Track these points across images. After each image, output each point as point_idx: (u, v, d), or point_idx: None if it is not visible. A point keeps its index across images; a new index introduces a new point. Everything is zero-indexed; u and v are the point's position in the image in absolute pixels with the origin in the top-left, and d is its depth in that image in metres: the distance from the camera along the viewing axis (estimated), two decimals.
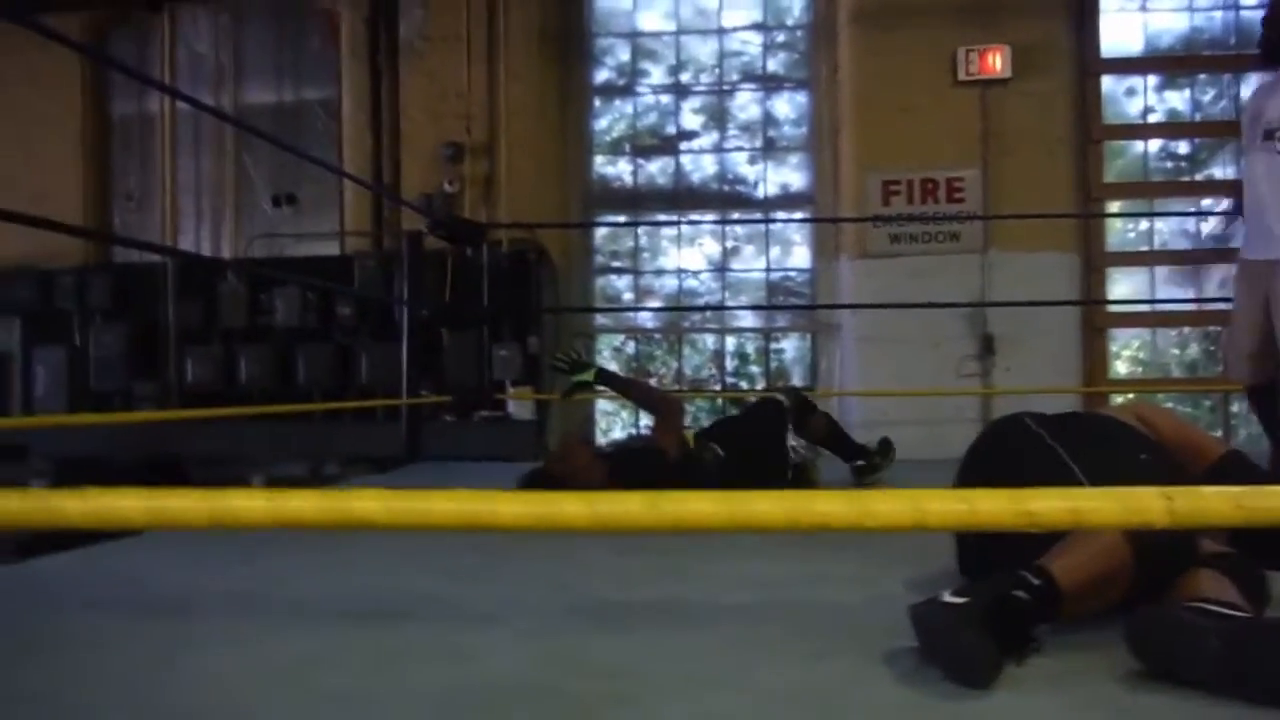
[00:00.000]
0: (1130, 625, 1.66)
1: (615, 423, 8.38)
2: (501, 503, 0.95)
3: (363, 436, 7.31)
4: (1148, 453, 2.21)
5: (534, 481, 3.50)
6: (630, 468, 3.50)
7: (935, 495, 0.97)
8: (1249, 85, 7.98)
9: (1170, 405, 8.23)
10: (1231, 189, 8.01)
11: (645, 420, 8.31)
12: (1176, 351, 8.47)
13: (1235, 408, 7.94)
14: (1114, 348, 8.18)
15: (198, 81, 8.33)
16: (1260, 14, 3.73)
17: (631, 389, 4.38)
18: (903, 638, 1.77)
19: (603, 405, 8.17)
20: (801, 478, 3.92)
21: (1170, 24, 8.30)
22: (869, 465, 4.29)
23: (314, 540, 3.04)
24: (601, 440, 7.90)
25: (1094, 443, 2.21)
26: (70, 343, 8.16)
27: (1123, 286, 8.19)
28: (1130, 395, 8.42)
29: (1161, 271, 8.22)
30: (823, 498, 0.96)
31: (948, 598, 1.71)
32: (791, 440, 3.92)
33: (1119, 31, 8.18)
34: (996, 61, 7.66)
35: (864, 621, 2.06)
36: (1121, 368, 8.31)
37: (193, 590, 2.42)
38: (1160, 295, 8.10)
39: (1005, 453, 2.31)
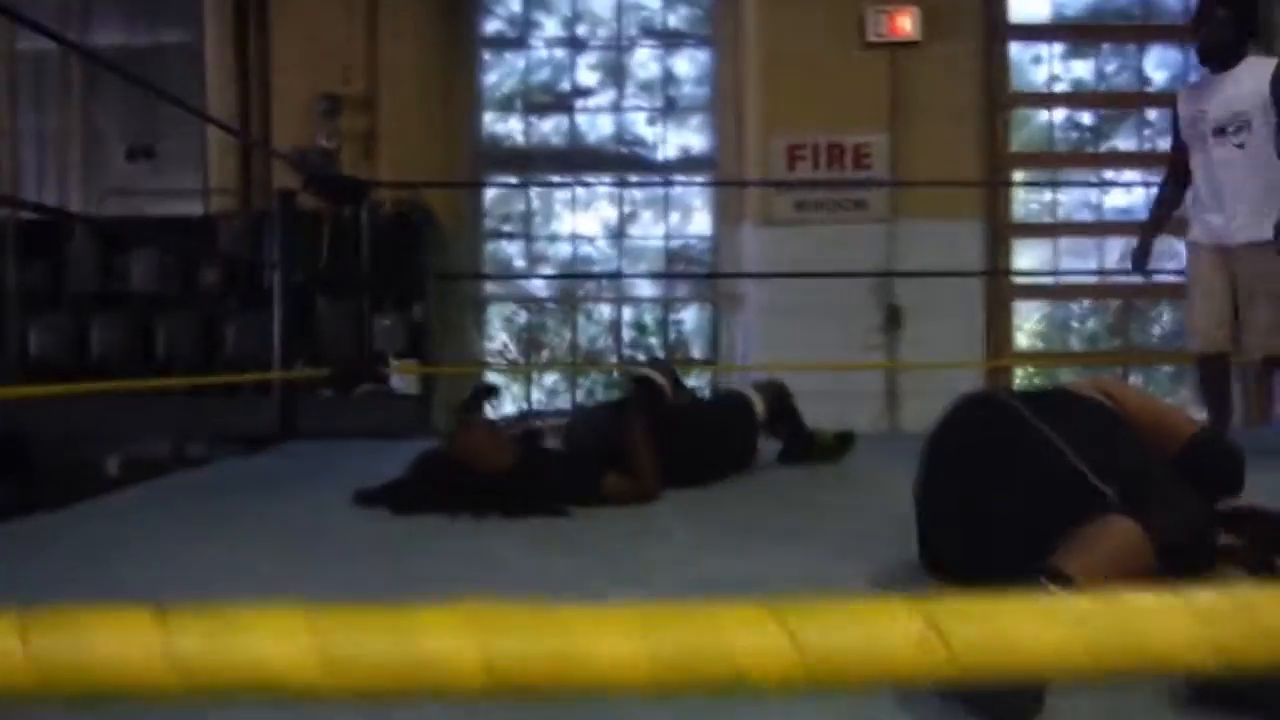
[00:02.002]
0: None
1: (505, 397, 7.92)
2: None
3: (231, 413, 6.68)
4: (1127, 434, 2.00)
5: (433, 462, 3.06)
6: (547, 462, 3.08)
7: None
8: (1152, 58, 7.99)
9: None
10: (1138, 162, 7.96)
11: (538, 396, 7.89)
12: (1076, 324, 8.41)
13: (1134, 379, 7.92)
14: (1016, 319, 8.07)
15: (38, 18, 7.47)
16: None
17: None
18: None
19: (492, 378, 7.70)
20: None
21: None
22: (795, 458, 3.91)
23: (181, 540, 2.55)
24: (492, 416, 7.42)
25: (1081, 424, 1.96)
26: None
27: (1025, 258, 8.07)
28: (1030, 369, 8.37)
29: (1064, 243, 8.14)
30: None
31: None
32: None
33: None
34: (906, 23, 7.43)
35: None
36: (1023, 340, 8.20)
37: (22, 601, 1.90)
38: (1063, 268, 8.00)
39: (994, 438, 2.00)
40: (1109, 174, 8.28)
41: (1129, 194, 7.93)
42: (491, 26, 7.94)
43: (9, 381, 7.14)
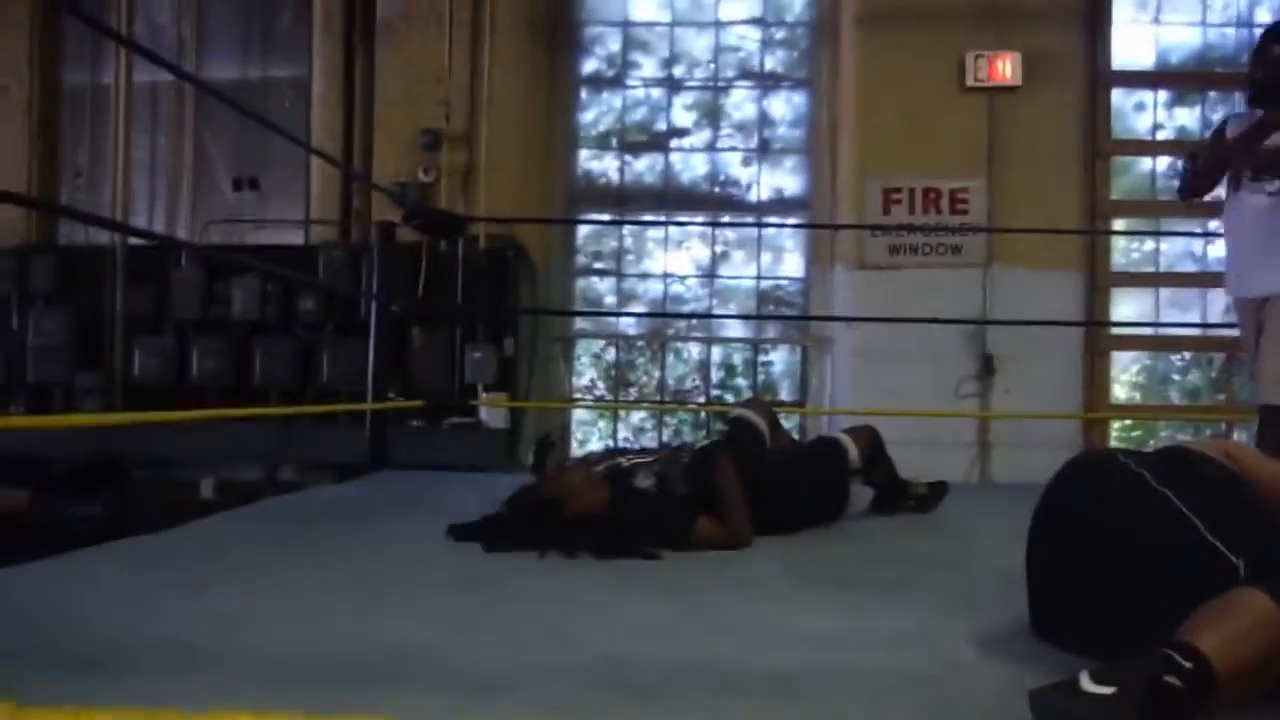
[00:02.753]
0: None
1: (592, 434, 7.93)
2: None
3: (323, 441, 6.80)
4: (1254, 500, 1.91)
5: (526, 500, 3.07)
6: (640, 505, 3.06)
7: None
8: None
9: (1168, 433, 7.95)
10: None
11: (625, 434, 7.89)
12: (1177, 377, 8.16)
13: (1238, 436, 7.63)
14: (1113, 370, 7.86)
15: (155, 52, 7.76)
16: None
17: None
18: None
19: (580, 415, 7.73)
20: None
21: (1182, 39, 8.01)
22: (888, 508, 3.84)
23: (269, 569, 2.58)
24: (579, 451, 7.44)
25: (1209, 491, 1.87)
26: (7, 329, 7.56)
27: (1125, 308, 7.86)
28: (1127, 421, 8.12)
29: (1165, 293, 7.92)
30: None
31: (1089, 686, 1.40)
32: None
33: (1130, 44, 7.89)
34: (1006, 68, 7.33)
35: (944, 698, 1.65)
36: (1120, 392, 7.98)
37: (123, 634, 1.92)
38: (1164, 319, 7.76)
39: (1115, 503, 1.92)
40: (1213, 224, 8.04)
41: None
42: (590, 66, 8.03)
43: (111, 402, 7.36)
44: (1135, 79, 7.87)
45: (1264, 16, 7.78)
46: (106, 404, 7.29)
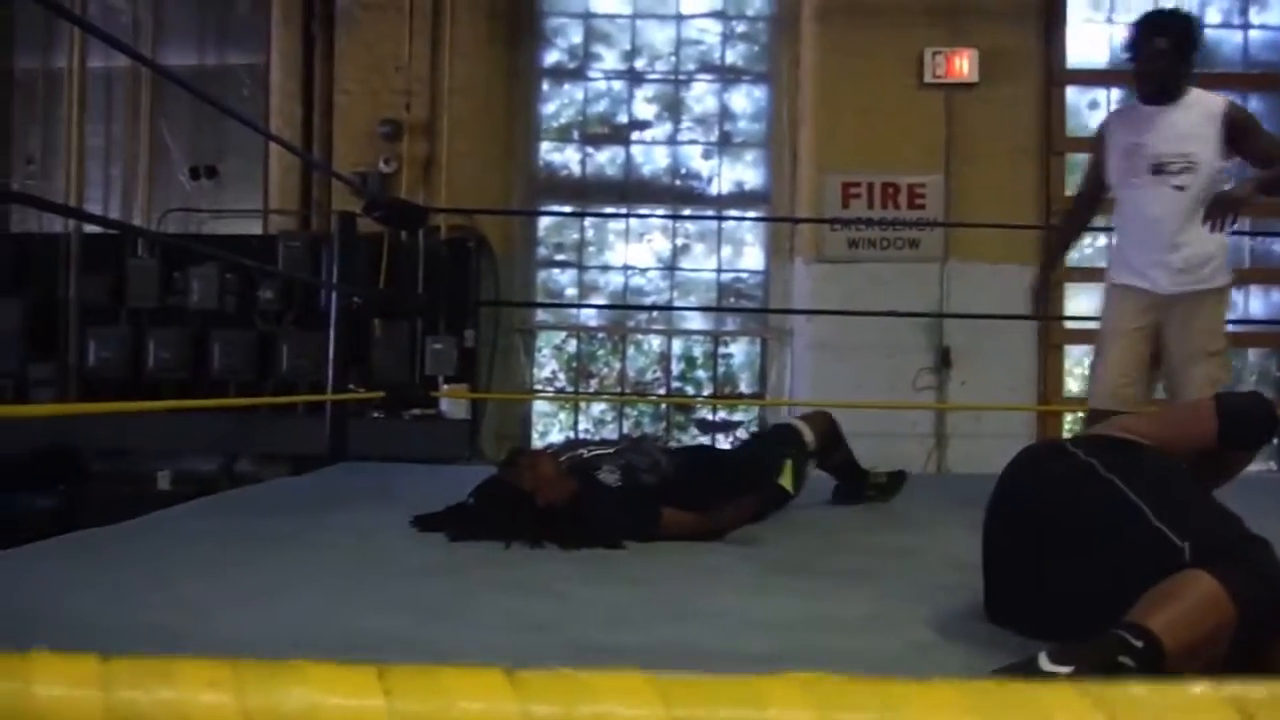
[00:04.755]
0: None
1: (553, 425, 7.94)
2: None
3: (282, 432, 6.76)
4: (1188, 477, 2.04)
5: (495, 490, 3.08)
6: (607, 500, 3.08)
7: None
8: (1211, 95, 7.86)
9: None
10: None
11: (585, 426, 7.90)
12: None
13: None
14: (1066, 363, 7.99)
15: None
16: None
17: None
18: None
19: (540, 407, 7.74)
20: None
21: None
22: (851, 497, 3.91)
23: (234, 559, 2.58)
24: (541, 443, 7.45)
25: (1151, 475, 1.97)
26: None
27: (1079, 303, 7.98)
28: (1080, 414, 8.26)
29: None
30: None
31: (1048, 665, 1.47)
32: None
33: (1084, 43, 7.99)
34: (963, 65, 7.41)
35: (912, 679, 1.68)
36: (1073, 384, 8.11)
37: (89, 623, 1.92)
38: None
39: (1068, 491, 2.00)
40: None
41: None
42: (551, 58, 8.02)
43: (65, 393, 7.26)
44: (1089, 77, 7.98)
45: (1213, 16, 7.94)
46: (60, 395, 7.19)
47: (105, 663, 0.50)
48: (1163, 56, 3.63)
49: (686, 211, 7.93)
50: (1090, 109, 8.09)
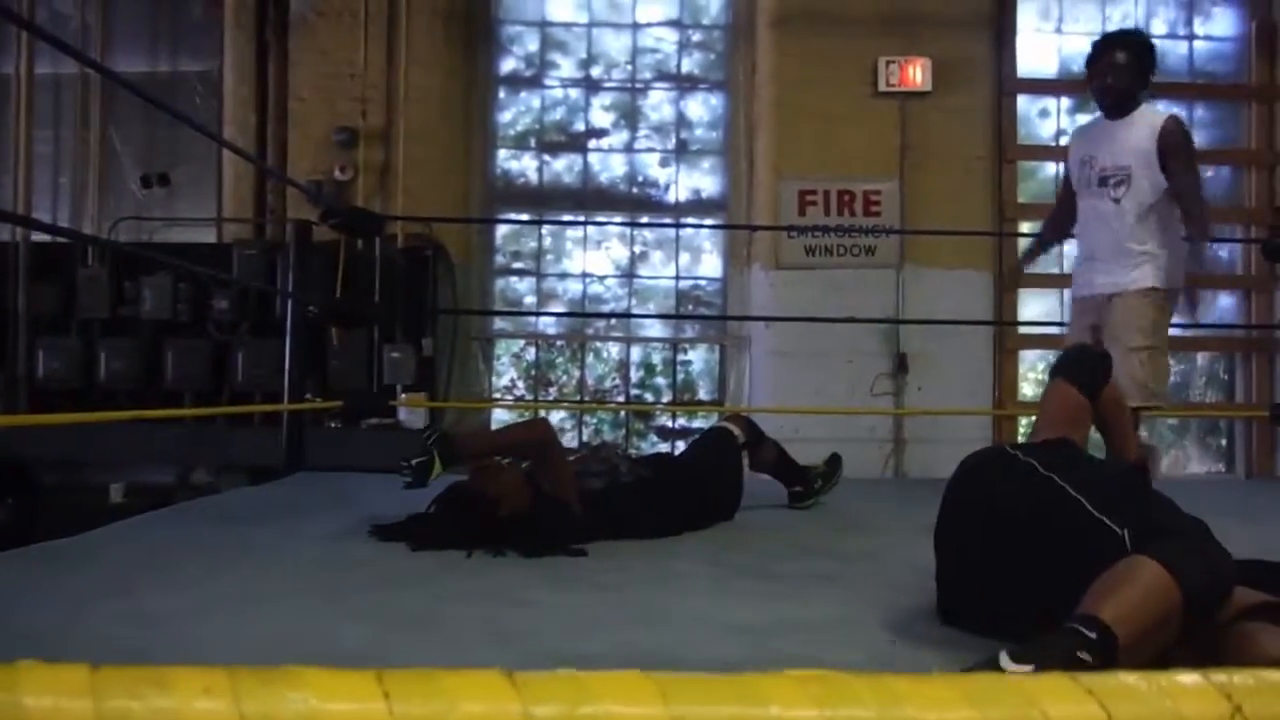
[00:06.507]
0: None
1: None
2: None
3: (238, 443, 6.68)
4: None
5: (457, 499, 3.07)
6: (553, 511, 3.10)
7: None
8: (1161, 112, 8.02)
9: None
10: None
11: None
12: None
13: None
14: (1020, 368, 8.09)
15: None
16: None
17: (491, 445, 3.44)
18: None
19: (499, 415, 7.71)
20: None
21: (1083, 48, 8.14)
22: (806, 493, 4.02)
23: (194, 570, 2.55)
24: None
25: (1085, 469, 2.08)
26: None
27: (1032, 308, 8.10)
28: (1035, 417, 8.36)
29: (1068, 294, 8.15)
30: None
31: (1009, 664, 1.48)
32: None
33: (1034, 52, 8.11)
34: (917, 74, 7.49)
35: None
36: (1028, 389, 8.22)
37: (44, 634, 1.89)
38: (1068, 318, 8.01)
39: (1013, 492, 2.07)
40: None
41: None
42: (508, 65, 8.00)
43: (14, 405, 7.13)
44: (1039, 86, 8.10)
45: (1159, 28, 8.09)
46: (9, 407, 7.06)
47: (96, 672, 0.49)
48: (1120, 70, 3.88)
49: (644, 219, 7.95)
50: (1040, 118, 8.21)
